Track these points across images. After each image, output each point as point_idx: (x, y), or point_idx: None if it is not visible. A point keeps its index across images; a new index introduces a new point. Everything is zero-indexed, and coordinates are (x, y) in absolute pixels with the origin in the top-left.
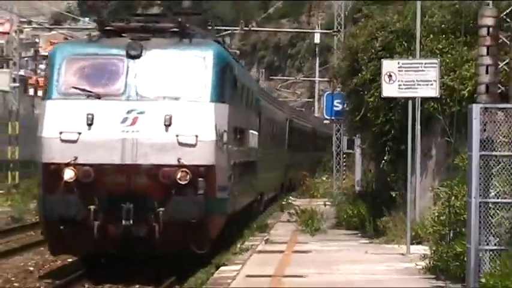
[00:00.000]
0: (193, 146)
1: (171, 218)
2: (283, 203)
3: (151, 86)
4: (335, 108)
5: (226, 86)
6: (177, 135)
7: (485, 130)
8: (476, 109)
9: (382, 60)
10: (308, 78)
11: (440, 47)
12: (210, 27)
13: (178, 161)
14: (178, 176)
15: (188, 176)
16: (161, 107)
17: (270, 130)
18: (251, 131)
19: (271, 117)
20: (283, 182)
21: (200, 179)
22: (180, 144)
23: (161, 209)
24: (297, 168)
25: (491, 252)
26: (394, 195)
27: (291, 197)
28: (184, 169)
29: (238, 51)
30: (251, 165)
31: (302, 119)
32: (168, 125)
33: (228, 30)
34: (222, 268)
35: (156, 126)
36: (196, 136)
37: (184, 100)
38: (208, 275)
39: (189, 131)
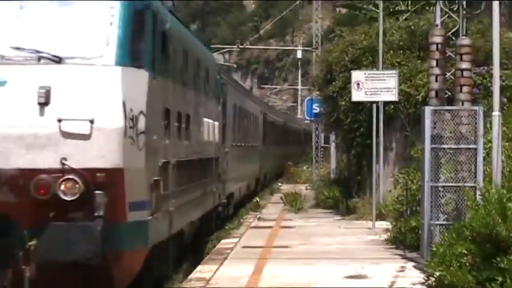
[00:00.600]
0: (87, 137)
1: (49, 257)
2: (275, 186)
3: (18, 41)
4: (314, 111)
5: (148, 43)
6: (59, 120)
7: (435, 128)
8: (428, 111)
9: (351, 71)
10: (292, 87)
11: (399, 60)
12: None
13: (62, 163)
14: (62, 188)
15: (78, 188)
16: (34, 74)
17: (240, 122)
18: (206, 120)
19: (242, 108)
20: (258, 177)
21: (98, 192)
22: (65, 134)
23: (33, 242)
24: (273, 163)
25: (440, 226)
26: (359, 178)
27: (278, 183)
28: (71, 176)
29: (235, 65)
30: (208, 163)
31: (275, 113)
32: (44, 103)
33: (227, 48)
34: (222, 241)
35: (24, 105)
36: (91, 121)
37: (72, 62)
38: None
39: (79, 113)
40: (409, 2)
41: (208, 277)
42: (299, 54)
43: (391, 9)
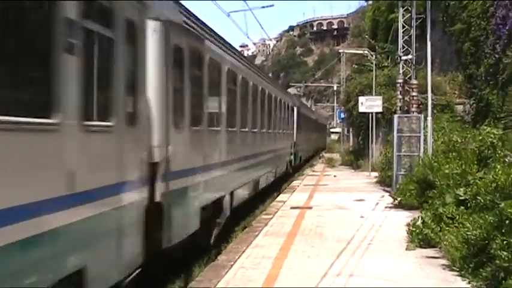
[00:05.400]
0: None
1: None
2: (320, 155)
3: None
4: (341, 117)
5: None
6: None
7: (399, 125)
8: (396, 117)
9: (358, 96)
10: (331, 104)
11: (383, 91)
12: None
13: None
14: None
15: None
16: None
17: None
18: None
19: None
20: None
21: None
22: None
23: None
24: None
25: (402, 175)
26: (363, 150)
27: (323, 153)
28: None
29: (302, 93)
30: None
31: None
32: None
33: (298, 85)
34: (293, 182)
35: None
36: None
37: None
38: (289, 182)
39: None
40: (389, 61)
41: (285, 199)
42: (335, 88)
43: (380, 65)
